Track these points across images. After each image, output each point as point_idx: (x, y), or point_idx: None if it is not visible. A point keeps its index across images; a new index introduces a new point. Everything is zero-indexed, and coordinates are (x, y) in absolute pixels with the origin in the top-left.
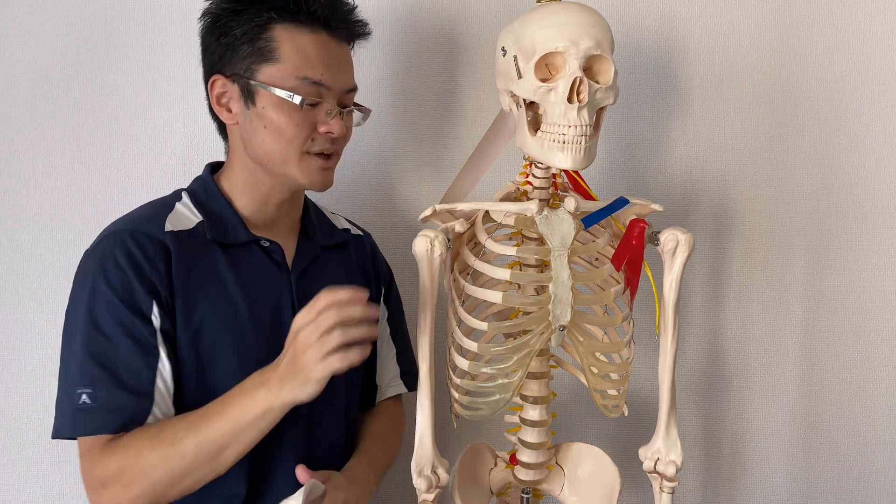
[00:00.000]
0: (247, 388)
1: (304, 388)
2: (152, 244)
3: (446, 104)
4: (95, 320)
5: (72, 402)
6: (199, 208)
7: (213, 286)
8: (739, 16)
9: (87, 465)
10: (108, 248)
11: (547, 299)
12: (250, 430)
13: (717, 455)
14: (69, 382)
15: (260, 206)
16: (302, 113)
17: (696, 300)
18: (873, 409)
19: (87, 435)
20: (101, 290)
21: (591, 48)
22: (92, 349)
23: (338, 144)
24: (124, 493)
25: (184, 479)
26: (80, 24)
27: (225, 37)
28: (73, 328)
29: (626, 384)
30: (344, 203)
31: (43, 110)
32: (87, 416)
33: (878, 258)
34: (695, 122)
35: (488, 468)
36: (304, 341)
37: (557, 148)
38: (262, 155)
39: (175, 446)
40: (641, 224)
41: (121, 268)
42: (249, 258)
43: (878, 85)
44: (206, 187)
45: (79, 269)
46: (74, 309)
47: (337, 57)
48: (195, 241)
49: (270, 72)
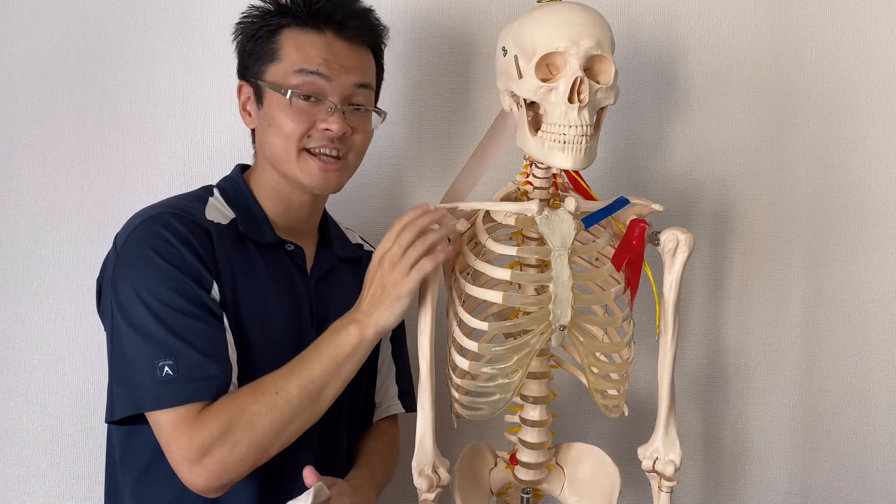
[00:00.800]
0: (337, 328)
1: (396, 306)
2: (198, 228)
3: (447, 105)
4: (160, 294)
5: (153, 377)
6: (230, 205)
7: (249, 279)
8: (739, 16)
9: (182, 437)
10: (154, 228)
11: (547, 299)
12: (347, 364)
13: (716, 455)
14: (142, 359)
15: (284, 209)
16: (296, 107)
17: (696, 300)
18: (873, 409)
19: (181, 404)
20: (159, 265)
21: (592, 48)
22: (164, 321)
23: (342, 144)
24: (231, 454)
25: (289, 426)
26: (80, 24)
27: (246, 45)
28: (132, 307)
29: (626, 384)
30: (344, 203)
31: (43, 110)
32: (173, 386)
33: (878, 258)
34: (695, 122)
35: (488, 468)
36: (390, 262)
37: (558, 148)
38: (270, 155)
39: (279, 394)
40: (642, 224)
41: (172, 244)
42: (275, 259)
43: (878, 85)
44: (236, 186)
45: (122, 252)
46: (128, 289)
47: (341, 55)
48: (231, 235)
49: (273, 71)
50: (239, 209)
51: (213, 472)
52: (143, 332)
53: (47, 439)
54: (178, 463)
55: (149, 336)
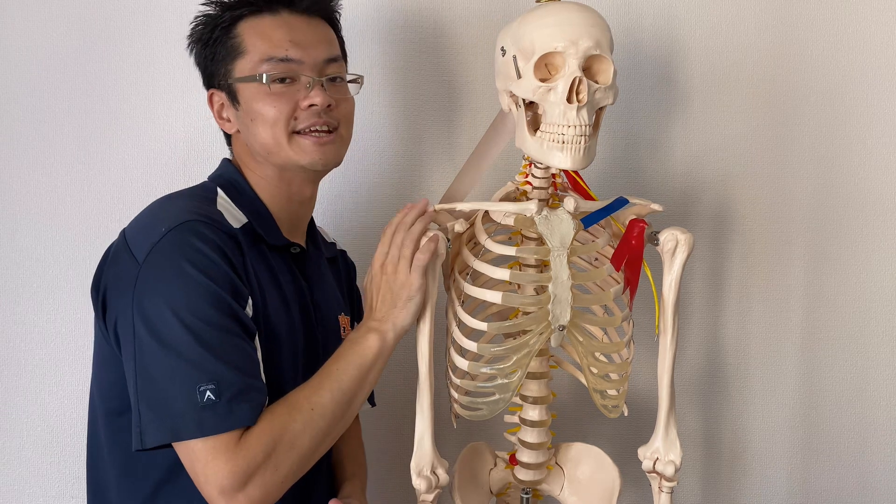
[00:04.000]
0: (356, 339)
1: (409, 305)
2: (227, 236)
3: (447, 104)
4: (199, 312)
5: (193, 402)
6: (239, 206)
7: (271, 288)
8: (739, 16)
9: (224, 465)
10: (186, 238)
11: (546, 299)
12: (372, 371)
13: (716, 455)
14: (180, 382)
15: (285, 203)
16: (274, 92)
17: (696, 300)
18: (873, 409)
19: (228, 430)
20: (197, 279)
21: (591, 48)
22: (205, 342)
23: (329, 117)
24: (275, 476)
25: (325, 441)
26: (81, 24)
27: (208, 52)
28: (165, 326)
29: (625, 384)
30: (344, 202)
31: (43, 110)
32: (215, 411)
33: (878, 258)
34: (695, 122)
35: (488, 468)
36: (392, 265)
37: (557, 148)
38: (261, 150)
39: (314, 409)
40: (641, 224)
41: (208, 256)
42: (284, 263)
43: (878, 85)
44: (238, 185)
45: (149, 265)
46: (161, 305)
47: (303, 31)
48: (249, 240)
49: (241, 66)
50: (247, 210)
51: (254, 498)
52: (181, 354)
53: (47, 439)
54: (216, 492)
55: (188, 358)
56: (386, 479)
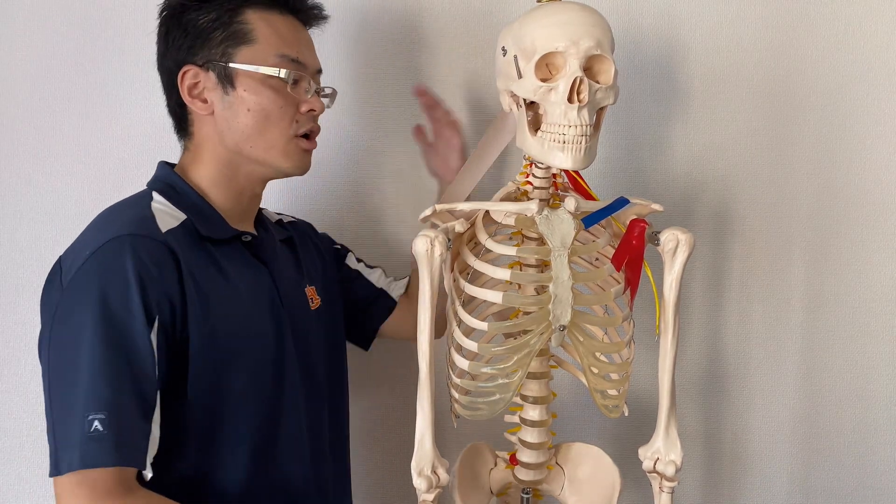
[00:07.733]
0: None
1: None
2: (157, 248)
3: (448, 105)
4: (106, 338)
5: (82, 431)
6: (177, 206)
7: (218, 284)
8: (739, 16)
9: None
10: (111, 257)
11: (547, 299)
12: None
13: (717, 455)
14: (76, 409)
15: (234, 197)
16: (287, 91)
17: (697, 300)
18: (873, 409)
19: (102, 466)
20: (109, 304)
21: (592, 48)
22: (104, 370)
23: (316, 124)
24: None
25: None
26: (81, 24)
27: (192, 27)
28: (74, 348)
29: (626, 384)
30: (343, 202)
31: (43, 110)
32: (100, 444)
33: (878, 258)
34: (695, 122)
35: (488, 468)
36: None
37: (558, 148)
38: (242, 141)
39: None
40: (642, 224)
41: (126, 279)
42: (234, 254)
43: (879, 85)
44: (175, 184)
45: (72, 284)
46: (74, 327)
47: (306, 38)
48: (188, 239)
49: (248, 53)
50: (187, 208)
51: None
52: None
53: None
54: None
55: (87, 384)
56: (386, 480)
